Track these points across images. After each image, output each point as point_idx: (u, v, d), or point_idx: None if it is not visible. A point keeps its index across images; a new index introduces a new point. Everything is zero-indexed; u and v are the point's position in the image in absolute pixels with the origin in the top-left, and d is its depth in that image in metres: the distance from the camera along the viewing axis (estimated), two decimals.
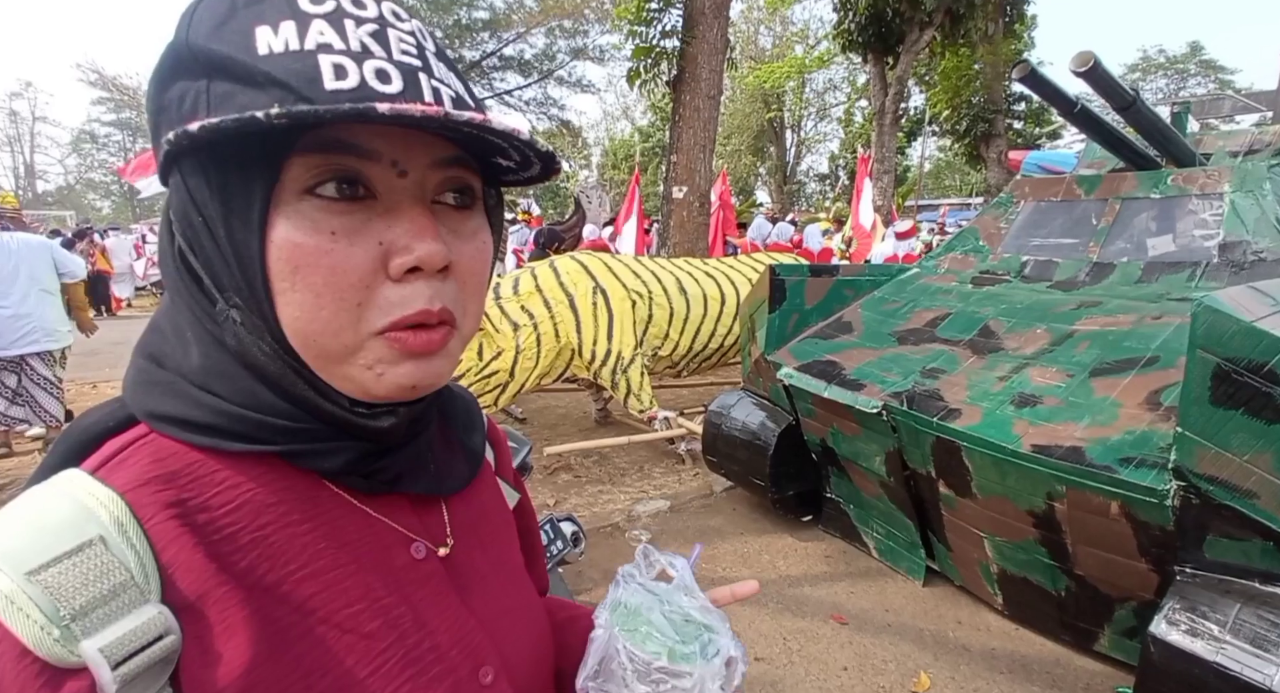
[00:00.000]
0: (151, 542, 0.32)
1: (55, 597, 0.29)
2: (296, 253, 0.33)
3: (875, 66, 11.53)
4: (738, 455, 2.92)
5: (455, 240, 0.37)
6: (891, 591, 2.50)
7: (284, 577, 0.35)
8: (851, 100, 25.22)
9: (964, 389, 2.20)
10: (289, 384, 0.36)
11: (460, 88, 0.37)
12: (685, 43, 5.72)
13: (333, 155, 0.32)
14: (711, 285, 3.98)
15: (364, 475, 0.39)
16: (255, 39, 0.32)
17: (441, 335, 0.37)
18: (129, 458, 0.35)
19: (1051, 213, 3.00)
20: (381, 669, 0.37)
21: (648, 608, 0.44)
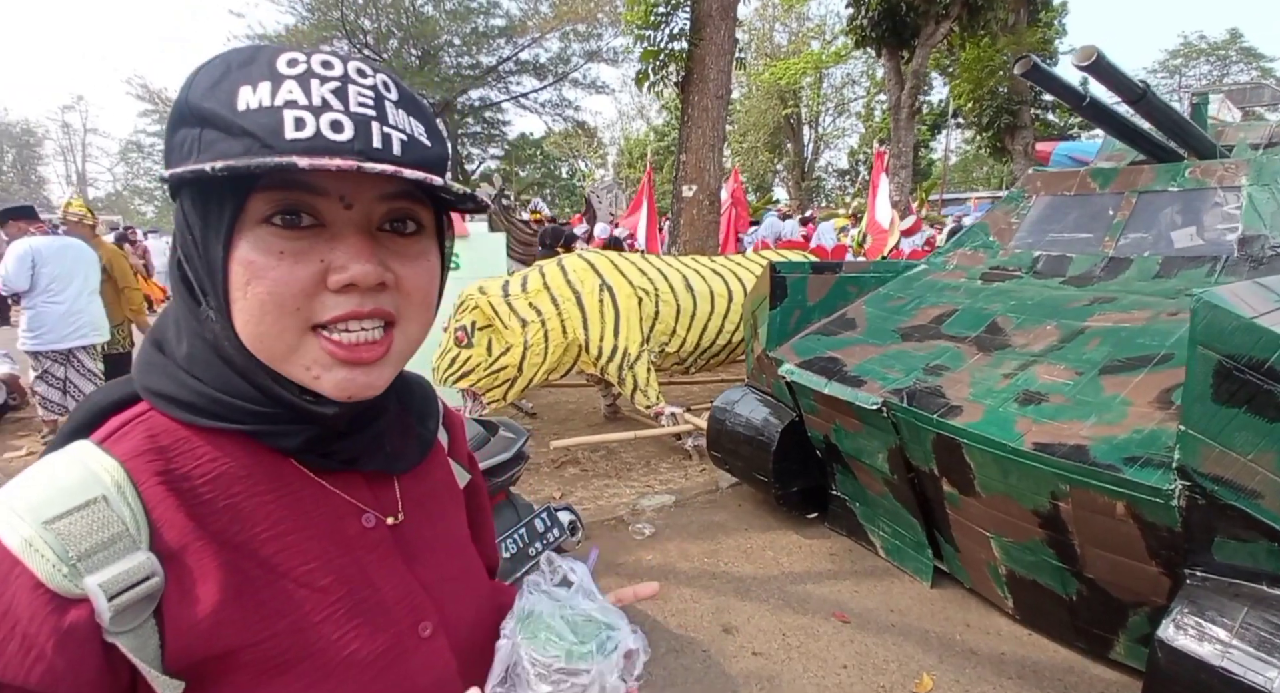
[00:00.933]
0: (144, 502, 0.39)
1: (65, 541, 0.36)
2: (250, 268, 0.39)
3: (890, 61, 11.32)
4: (741, 451, 2.88)
5: (398, 261, 0.43)
6: (897, 591, 2.44)
7: (251, 537, 0.42)
8: (871, 95, 24.85)
9: (967, 386, 2.14)
10: (253, 374, 0.42)
11: (420, 130, 0.42)
12: (693, 45, 5.67)
13: (288, 192, 0.39)
14: (718, 283, 3.94)
15: (322, 455, 0.46)
16: (238, 97, 0.38)
17: (378, 351, 0.42)
18: (129, 433, 0.42)
19: (1065, 207, 2.90)
20: (333, 617, 0.44)
21: (550, 614, 0.47)
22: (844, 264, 3.00)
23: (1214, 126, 2.96)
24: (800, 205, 22.18)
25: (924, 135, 24.18)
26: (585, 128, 21.19)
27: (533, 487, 3.36)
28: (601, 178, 25.41)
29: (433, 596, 0.50)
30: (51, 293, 3.90)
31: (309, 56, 0.40)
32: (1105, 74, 2.38)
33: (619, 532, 2.89)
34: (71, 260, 3.96)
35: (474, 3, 15.80)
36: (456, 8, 15.63)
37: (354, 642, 0.44)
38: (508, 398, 3.52)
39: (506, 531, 1.90)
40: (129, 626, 0.37)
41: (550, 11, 15.76)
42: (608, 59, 17.27)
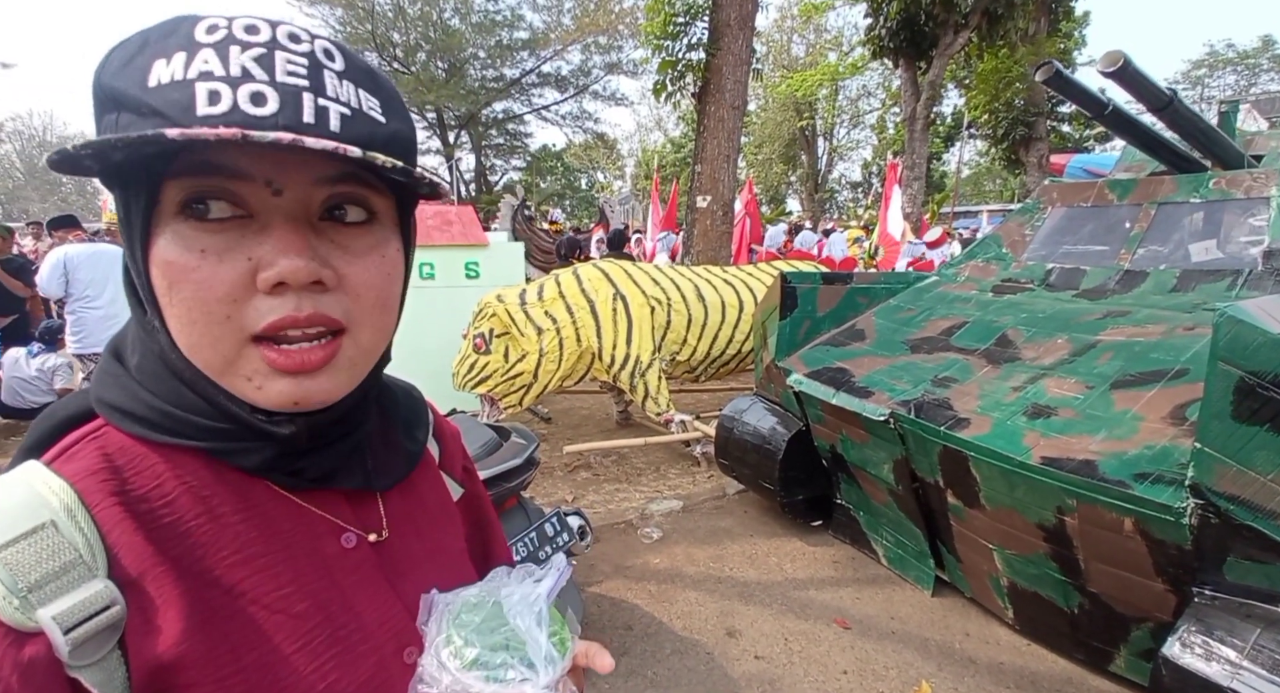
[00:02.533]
0: (98, 525, 0.35)
1: (13, 572, 0.32)
2: (170, 270, 0.34)
3: (907, 71, 11.21)
4: (748, 459, 2.86)
5: (343, 256, 0.37)
6: (899, 598, 2.40)
7: (215, 563, 0.37)
8: (886, 106, 24.62)
9: (975, 399, 2.10)
10: (202, 387, 0.37)
11: (372, 104, 0.36)
12: (710, 55, 5.67)
13: (203, 178, 0.33)
14: (730, 293, 3.93)
15: (289, 473, 0.40)
16: (149, 73, 0.32)
17: (320, 355, 0.36)
18: (80, 451, 0.37)
19: (1081, 219, 2.84)
20: (309, 646, 0.39)
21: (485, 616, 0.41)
22: (855, 275, 2.97)
23: (1242, 136, 2.87)
24: (813, 217, 22.03)
25: (937, 147, 23.91)
26: (604, 139, 21.33)
27: (546, 490, 3.37)
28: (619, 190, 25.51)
29: (415, 617, 0.45)
30: (88, 298, 3.98)
31: (231, 21, 0.34)
32: (1132, 80, 2.31)
33: (628, 535, 2.88)
34: (105, 265, 4.03)
35: (499, 15, 16.05)
36: (482, 20, 15.89)
37: (333, 673, 0.39)
38: (523, 403, 3.53)
39: (517, 535, 1.91)
40: (91, 658, 0.33)
41: (572, 24, 15.94)
42: (627, 71, 17.39)
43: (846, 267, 6.75)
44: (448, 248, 3.94)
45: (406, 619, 0.44)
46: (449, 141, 18.45)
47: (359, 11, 14.75)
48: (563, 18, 16.14)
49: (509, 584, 0.43)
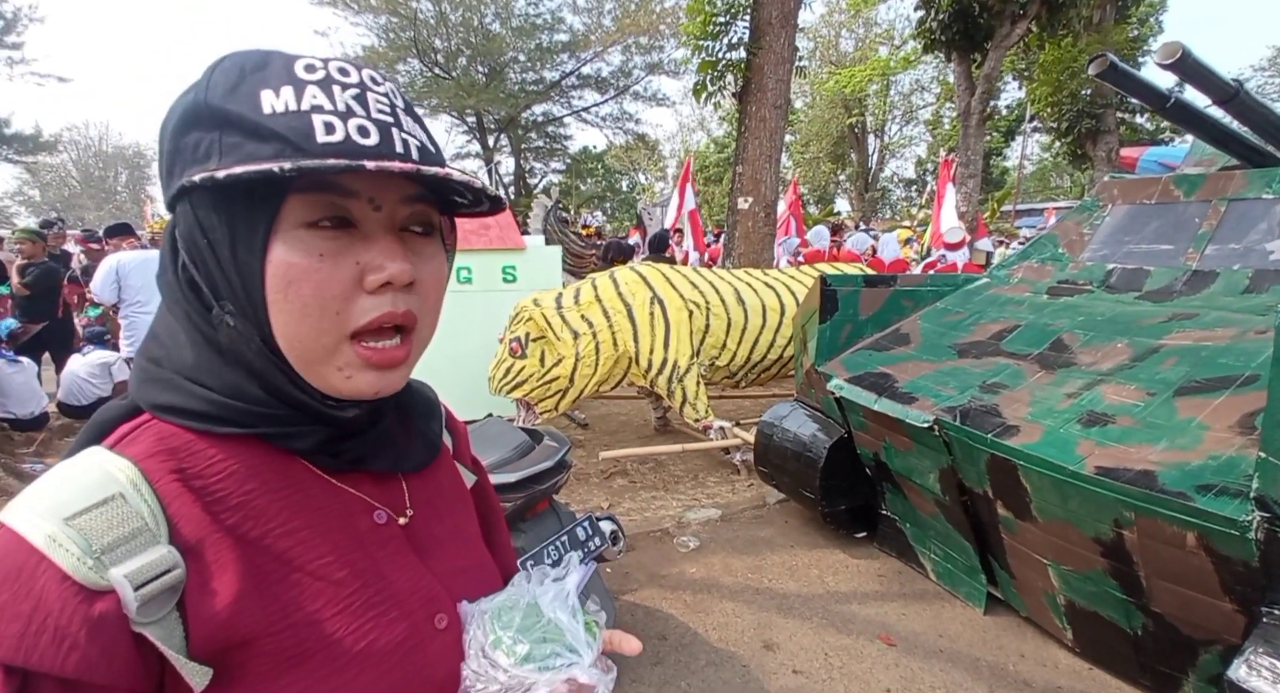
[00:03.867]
0: (160, 498, 0.41)
1: (88, 536, 0.37)
2: (291, 271, 0.41)
3: (960, 65, 10.96)
4: (788, 467, 2.88)
5: (419, 261, 0.45)
6: (948, 616, 2.38)
7: (265, 532, 0.43)
8: (940, 100, 24.05)
9: (1026, 405, 2.08)
10: (270, 377, 0.43)
11: (424, 138, 0.45)
12: (751, 54, 5.71)
13: (323, 195, 0.41)
14: (771, 296, 3.95)
15: (331, 455, 0.47)
16: (260, 100, 0.40)
17: (403, 353, 0.45)
18: (138, 437, 0.43)
19: (1144, 217, 2.77)
20: (348, 610, 0.45)
21: (524, 612, 0.49)
22: (899, 277, 2.96)
23: None
24: (864, 217, 21.63)
25: (997, 143, 23.17)
26: (645, 141, 21.55)
27: (581, 496, 3.45)
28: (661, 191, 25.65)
29: (448, 588, 0.51)
30: (139, 303, 4.28)
31: (325, 63, 0.42)
32: (1192, 73, 2.27)
33: (664, 544, 2.94)
34: (155, 272, 4.37)
35: (539, 19, 16.47)
36: (523, 24, 16.33)
37: (371, 633, 0.45)
38: (559, 408, 3.64)
39: (548, 538, 1.98)
40: (155, 616, 0.38)
41: (613, 25, 16.22)
42: (669, 71, 17.55)
43: (897, 269, 6.65)
44: (485, 252, 4.10)
45: (437, 588, 0.50)
46: (488, 145, 19.00)
47: (402, 19, 15.41)
48: (603, 19, 16.46)
49: (537, 585, 0.51)
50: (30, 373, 4.24)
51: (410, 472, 0.54)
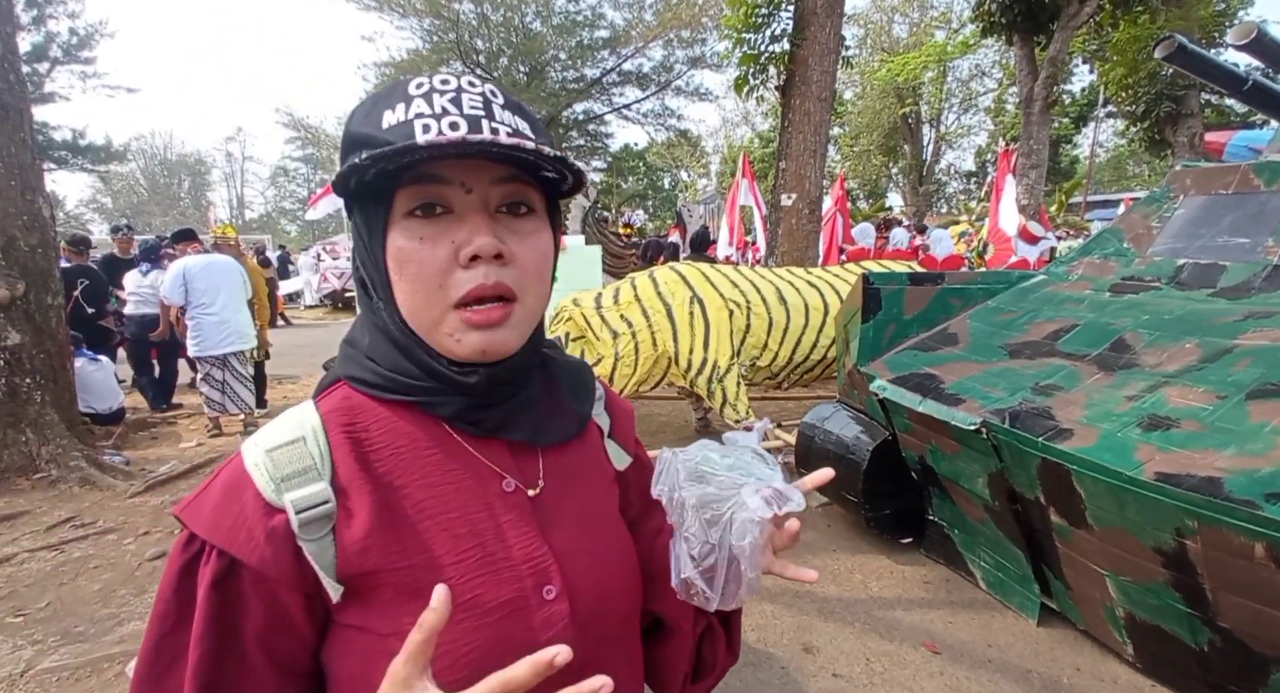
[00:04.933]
0: (330, 445, 0.52)
1: (277, 466, 0.49)
2: (401, 254, 0.49)
3: (1022, 48, 10.52)
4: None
5: (514, 238, 0.51)
6: (998, 626, 2.34)
7: (406, 482, 0.52)
8: (1003, 86, 23.13)
9: (1081, 408, 2.03)
10: (413, 351, 0.52)
11: (522, 126, 0.51)
12: (795, 45, 5.66)
13: (422, 186, 0.49)
14: (814, 295, 3.93)
15: (471, 422, 0.55)
16: (382, 119, 0.49)
17: (500, 313, 0.51)
18: (332, 395, 0.56)
19: (1220, 208, 2.64)
20: (462, 562, 0.51)
21: (712, 450, 0.56)
22: (947, 275, 2.91)
23: None
24: (917, 212, 21.03)
25: (1066, 129, 22.12)
26: (688, 137, 21.52)
27: None
28: (704, 188, 25.57)
29: (562, 564, 0.54)
30: (203, 305, 4.62)
31: (431, 77, 0.50)
32: (1269, 54, 2.17)
33: None
34: (218, 274, 4.69)
35: (580, 15, 16.66)
36: (563, 22, 16.56)
37: (479, 588, 0.51)
38: None
39: None
40: (313, 536, 0.48)
41: (654, 19, 16.27)
42: (711, 64, 17.48)
43: (951, 266, 6.48)
44: None
45: (550, 561, 0.54)
46: None
47: (445, 21, 15.87)
48: (644, 13, 16.53)
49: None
50: (108, 370, 4.60)
51: (549, 446, 0.59)
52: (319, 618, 0.51)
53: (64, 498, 3.60)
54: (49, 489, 3.67)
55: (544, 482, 0.57)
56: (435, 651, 0.47)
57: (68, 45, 14.83)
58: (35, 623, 2.46)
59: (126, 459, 4.20)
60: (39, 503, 3.52)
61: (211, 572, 0.48)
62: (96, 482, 3.76)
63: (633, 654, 0.62)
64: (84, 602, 2.61)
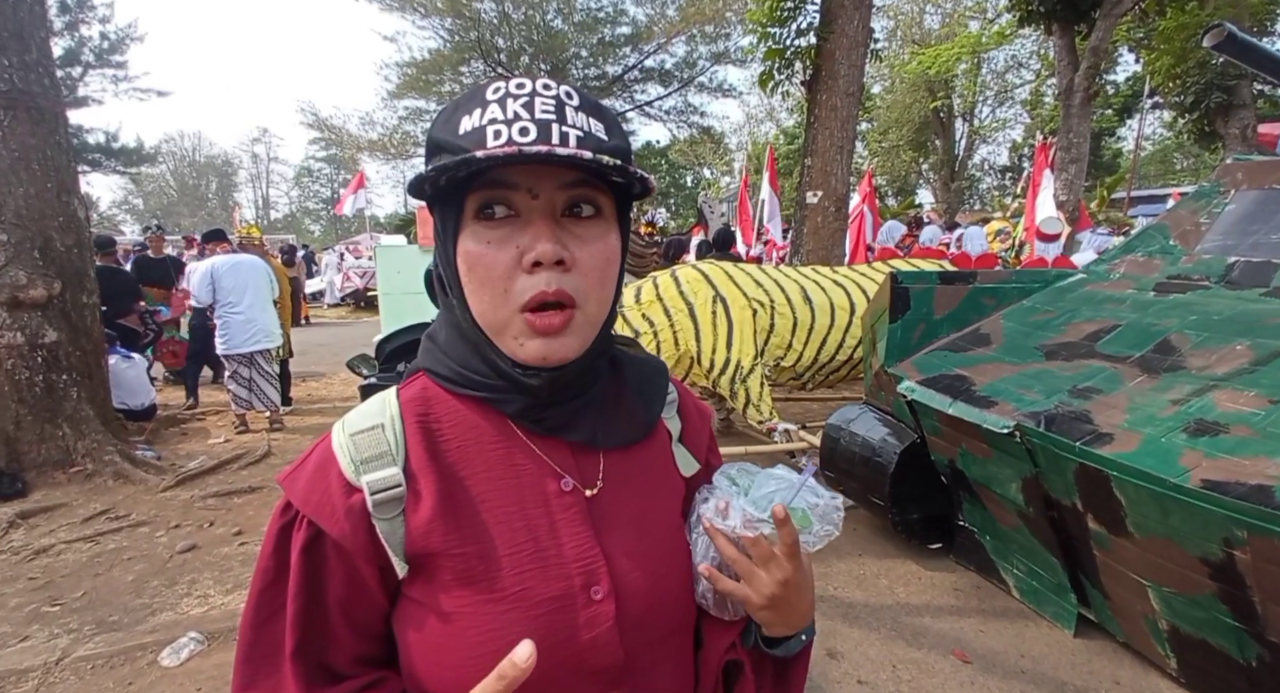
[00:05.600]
0: (405, 433, 0.55)
1: (359, 449, 0.54)
2: (469, 258, 0.51)
3: (1062, 37, 10.24)
4: (856, 472, 2.84)
5: (577, 243, 0.51)
6: (1032, 635, 2.29)
7: (470, 474, 0.55)
8: (1041, 77, 22.58)
9: (1122, 412, 1.98)
10: (482, 349, 0.55)
11: (598, 128, 0.51)
12: (822, 39, 5.60)
13: (490, 191, 0.50)
14: (840, 294, 3.89)
15: (534, 421, 0.57)
16: (460, 125, 0.50)
17: (561, 319, 0.51)
18: (412, 385, 0.59)
19: (1274, 204, 2.56)
20: (516, 554, 0.54)
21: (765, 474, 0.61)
22: (979, 274, 2.86)
23: None
24: (948, 209, 20.64)
25: (1109, 121, 21.53)
26: (711, 134, 21.43)
27: None
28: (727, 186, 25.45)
29: (612, 565, 0.55)
30: (230, 304, 4.76)
31: (508, 81, 0.51)
32: (1246, 56, 2.09)
33: None
34: (245, 274, 4.82)
35: (601, 12, 16.72)
36: (585, 19, 16.63)
37: (528, 581, 0.53)
38: None
39: None
40: (385, 516, 0.52)
41: (677, 15, 16.24)
42: (735, 60, 17.41)
43: (984, 265, 6.35)
44: None
45: (601, 562, 0.55)
46: None
47: (466, 21, 16.06)
48: (667, 9, 16.52)
49: None
50: (140, 368, 4.75)
51: (612, 448, 0.60)
52: (391, 588, 0.55)
53: (99, 491, 3.73)
54: (84, 482, 3.80)
55: (603, 483, 0.58)
56: (483, 636, 0.52)
57: (99, 49, 15.33)
58: (71, 612, 2.55)
59: (158, 454, 4.33)
60: (75, 496, 3.65)
61: (302, 538, 0.53)
62: (129, 476, 3.89)
63: (682, 662, 0.61)
64: (118, 592, 2.70)
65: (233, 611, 2.53)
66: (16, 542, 3.15)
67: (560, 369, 0.53)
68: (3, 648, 2.31)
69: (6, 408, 3.74)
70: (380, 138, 19.61)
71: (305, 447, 3.09)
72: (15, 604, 2.60)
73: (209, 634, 2.37)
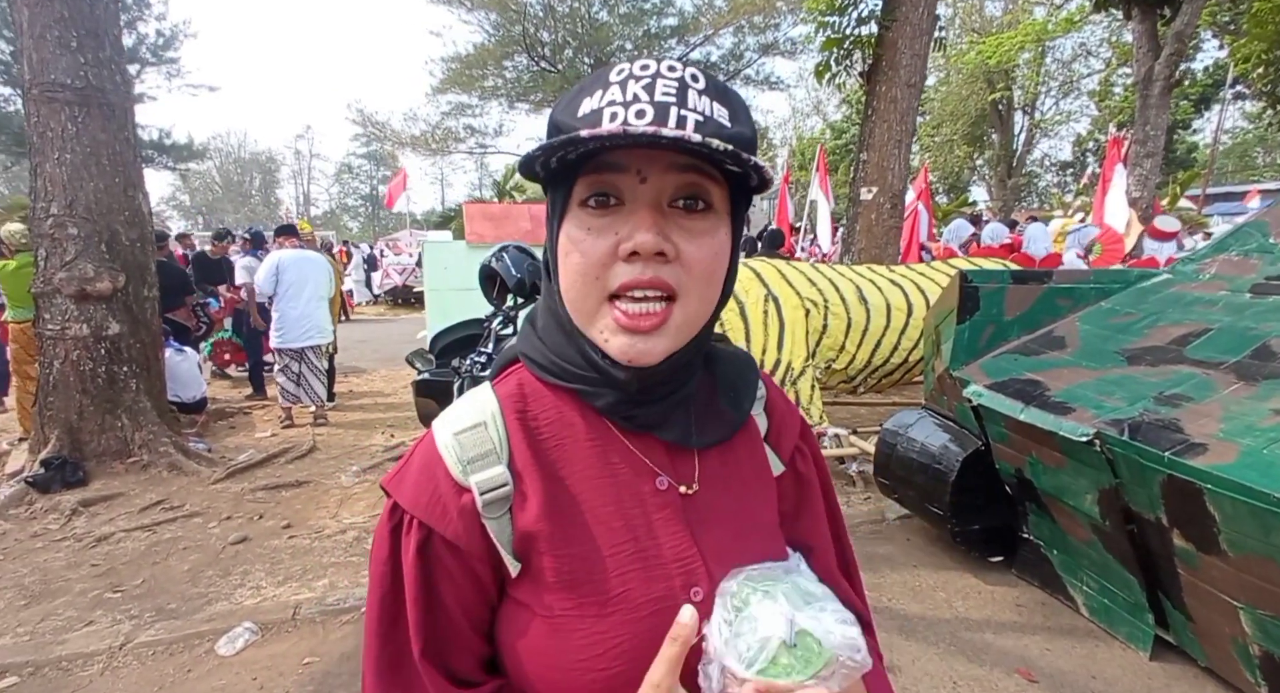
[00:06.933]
0: (507, 430, 0.56)
1: (464, 448, 0.54)
2: (567, 243, 0.51)
3: (1143, 23, 9.80)
4: (914, 480, 2.79)
5: (683, 236, 0.49)
6: (1103, 657, 2.21)
7: (569, 473, 0.56)
8: (1112, 67, 21.67)
9: (1216, 421, 1.90)
10: (576, 339, 0.54)
11: (722, 113, 0.49)
12: (884, 27, 5.49)
13: (599, 174, 0.49)
14: (897, 294, 3.82)
15: (624, 418, 0.56)
16: (580, 106, 0.49)
17: (653, 321, 0.50)
18: (509, 379, 0.60)
19: None
20: (617, 555, 0.54)
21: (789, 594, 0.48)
22: (1055, 273, 2.77)
23: None
24: (1004, 206, 19.99)
25: (1185, 113, 20.52)
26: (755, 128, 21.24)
27: None
28: None
29: (710, 566, 0.55)
30: (289, 298, 4.96)
31: (632, 63, 0.50)
32: None
33: None
34: (307, 269, 5.02)
35: (648, 4, 16.75)
36: (631, 11, 16.69)
37: (629, 582, 0.53)
38: None
39: None
40: (494, 515, 0.53)
41: (725, 5, 16.16)
42: (784, 51, 17.23)
43: (1049, 265, 6.14)
44: None
45: (698, 562, 0.54)
46: None
47: (510, 14, 16.31)
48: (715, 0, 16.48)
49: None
50: (193, 361, 4.98)
51: (705, 447, 0.59)
52: (501, 586, 0.56)
53: (154, 482, 3.93)
54: (140, 473, 4.01)
55: (698, 482, 0.58)
56: (588, 640, 0.51)
57: (154, 47, 16.09)
58: (132, 599, 2.70)
59: (209, 446, 4.54)
60: (132, 486, 3.85)
61: (415, 541, 0.53)
62: (183, 467, 4.08)
63: None
64: (175, 581, 2.84)
65: (284, 602, 2.64)
66: (79, 529, 3.34)
67: (651, 368, 0.52)
68: (70, 632, 2.46)
69: (71, 398, 3.97)
70: (422, 134, 20.07)
71: (348, 442, 3.19)
72: (80, 590, 2.77)
73: (262, 625, 2.47)
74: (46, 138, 3.82)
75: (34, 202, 3.92)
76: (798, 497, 0.65)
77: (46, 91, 3.78)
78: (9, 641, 2.41)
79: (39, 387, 4.05)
